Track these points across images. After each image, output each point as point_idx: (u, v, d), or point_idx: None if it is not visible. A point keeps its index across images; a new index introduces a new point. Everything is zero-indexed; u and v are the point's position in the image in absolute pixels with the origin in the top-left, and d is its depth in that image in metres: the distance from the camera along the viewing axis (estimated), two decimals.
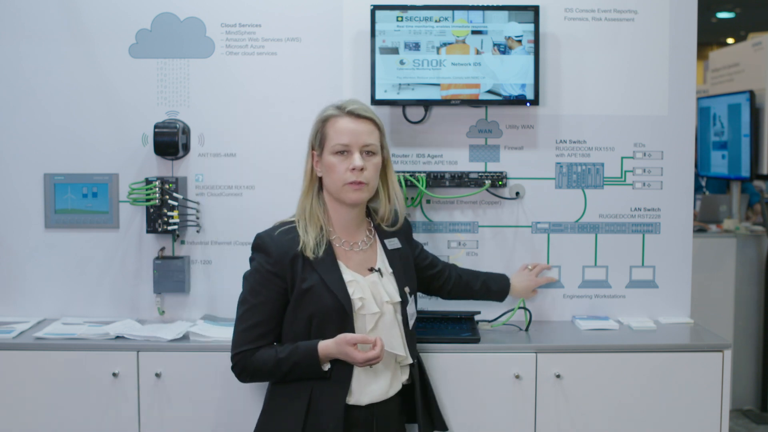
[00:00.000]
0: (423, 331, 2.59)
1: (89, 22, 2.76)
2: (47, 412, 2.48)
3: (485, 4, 2.69)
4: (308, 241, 2.15)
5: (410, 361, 2.24)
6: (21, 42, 2.76)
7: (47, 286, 2.79)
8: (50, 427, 2.49)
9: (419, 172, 2.75)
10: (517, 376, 2.49)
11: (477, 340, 2.53)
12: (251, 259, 2.20)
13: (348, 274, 2.17)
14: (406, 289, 2.26)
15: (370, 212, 2.32)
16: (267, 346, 2.16)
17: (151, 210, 2.70)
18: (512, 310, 2.72)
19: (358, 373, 2.14)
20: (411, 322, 2.27)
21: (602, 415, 2.52)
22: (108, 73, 2.76)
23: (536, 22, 2.68)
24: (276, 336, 2.19)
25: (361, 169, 2.15)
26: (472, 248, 2.83)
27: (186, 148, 2.76)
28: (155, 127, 2.70)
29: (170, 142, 2.69)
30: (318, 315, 2.13)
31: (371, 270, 2.22)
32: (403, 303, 2.24)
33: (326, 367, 2.12)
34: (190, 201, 2.77)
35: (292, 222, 2.21)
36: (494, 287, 2.66)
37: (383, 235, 2.30)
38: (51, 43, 2.76)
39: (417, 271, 2.44)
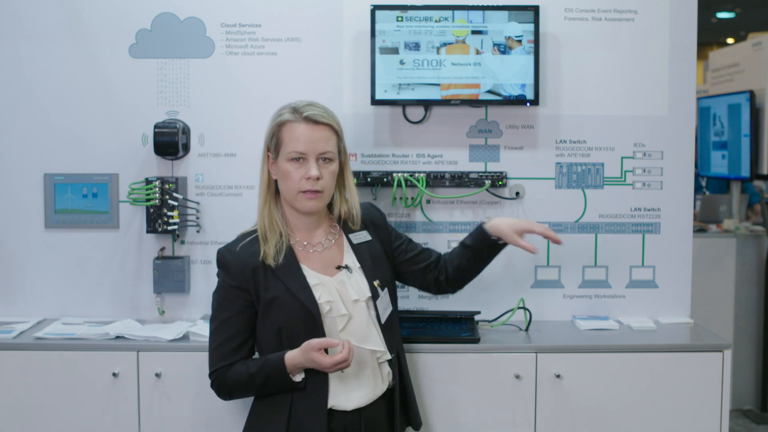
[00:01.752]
0: (423, 331, 2.59)
1: (89, 22, 2.76)
2: (47, 412, 2.48)
3: (485, 4, 2.69)
4: (268, 251, 2.09)
5: (389, 356, 2.17)
6: (21, 42, 2.76)
7: (47, 286, 2.79)
8: (50, 427, 2.49)
9: (419, 172, 2.75)
10: (517, 376, 2.49)
11: (477, 340, 2.53)
12: (217, 275, 2.17)
13: (313, 278, 2.11)
14: (376, 283, 2.17)
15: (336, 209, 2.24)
16: (241, 360, 2.11)
17: (151, 210, 2.70)
18: (512, 310, 2.72)
19: (336, 377, 2.08)
20: (384, 316, 2.17)
21: (602, 415, 2.52)
22: (108, 73, 2.76)
23: (536, 22, 2.68)
24: (251, 348, 2.15)
25: (317, 178, 2.09)
26: None
27: (186, 148, 2.76)
28: (155, 127, 2.70)
29: (170, 142, 2.69)
30: (287, 324, 2.08)
31: (339, 268, 2.15)
32: (375, 298, 2.16)
33: (298, 378, 2.06)
34: (190, 201, 2.77)
35: (254, 232, 2.16)
36: (469, 241, 2.34)
37: (348, 230, 2.23)
38: (51, 43, 2.76)
39: (403, 264, 2.33)
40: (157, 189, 2.69)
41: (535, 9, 2.69)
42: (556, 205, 2.82)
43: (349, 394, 2.10)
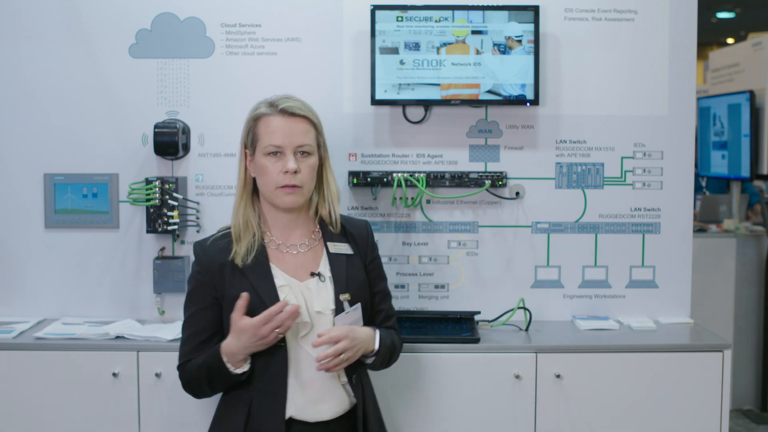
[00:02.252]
0: (423, 331, 2.60)
1: (89, 22, 2.76)
2: (47, 412, 2.48)
3: (485, 4, 2.69)
4: (239, 251, 2.02)
5: (344, 379, 2.04)
6: (21, 42, 2.76)
7: (47, 286, 2.79)
8: (50, 427, 2.48)
9: (419, 172, 2.75)
10: (517, 376, 2.49)
11: (477, 340, 2.53)
12: (192, 266, 2.11)
13: (281, 279, 2.02)
14: (344, 297, 2.02)
15: (316, 210, 2.14)
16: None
17: (151, 210, 2.70)
18: (512, 310, 2.72)
19: (296, 385, 1.99)
20: None
21: (602, 415, 2.52)
22: (108, 73, 2.76)
23: (536, 22, 2.68)
24: (217, 343, 2.02)
25: (295, 172, 2.00)
26: (472, 248, 2.83)
27: (186, 148, 2.76)
28: (155, 127, 2.70)
29: (170, 142, 2.69)
30: None
31: (312, 275, 2.05)
32: (339, 312, 2.01)
33: (239, 369, 1.96)
34: (190, 201, 2.77)
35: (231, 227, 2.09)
36: None
37: (328, 238, 2.11)
38: (51, 43, 2.76)
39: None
40: (157, 189, 2.69)
41: (535, 9, 2.69)
42: (556, 205, 2.82)
43: (310, 406, 2.00)
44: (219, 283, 2.03)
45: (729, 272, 4.59)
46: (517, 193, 2.81)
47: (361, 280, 2.11)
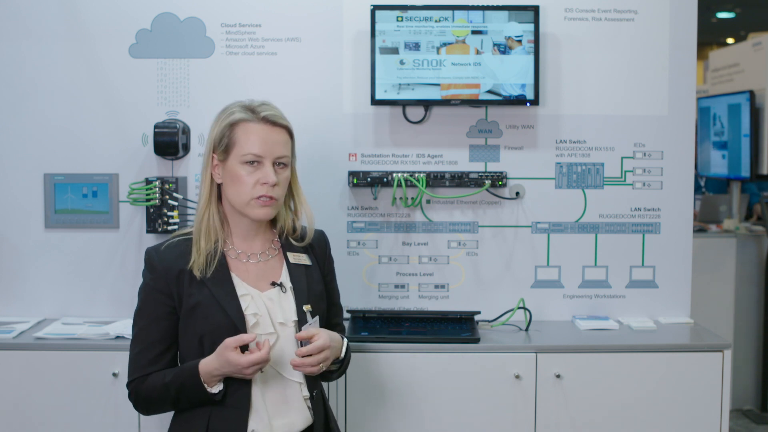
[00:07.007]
0: (423, 331, 2.59)
1: (89, 22, 2.76)
2: (47, 412, 2.48)
3: (485, 4, 2.69)
4: (198, 259, 1.92)
5: (305, 394, 1.96)
6: (21, 42, 2.76)
7: (47, 286, 2.79)
8: (50, 427, 2.49)
9: (419, 172, 2.75)
10: (517, 376, 2.49)
11: (477, 340, 2.53)
12: (143, 275, 2.00)
13: (241, 288, 1.94)
14: (307, 308, 1.96)
15: (276, 221, 2.07)
16: (159, 371, 1.93)
17: (151, 210, 2.70)
18: (512, 310, 2.72)
19: (260, 399, 1.91)
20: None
21: (602, 415, 2.52)
22: (108, 73, 2.76)
23: (536, 22, 2.68)
24: (173, 357, 1.96)
25: (273, 184, 1.93)
26: (472, 248, 2.83)
27: (186, 148, 2.76)
28: (155, 127, 2.70)
29: (170, 142, 2.69)
30: (209, 334, 1.89)
31: (273, 284, 1.97)
32: (302, 323, 1.94)
33: (216, 388, 1.88)
34: (190, 201, 2.77)
35: (189, 234, 1.99)
36: None
37: (288, 248, 2.04)
38: (51, 43, 2.76)
39: None
40: (157, 189, 2.69)
41: (535, 9, 2.69)
42: (556, 205, 2.83)
43: (273, 419, 1.92)
44: (176, 291, 1.93)
45: (729, 272, 4.59)
46: (517, 193, 2.81)
47: (320, 291, 2.06)
